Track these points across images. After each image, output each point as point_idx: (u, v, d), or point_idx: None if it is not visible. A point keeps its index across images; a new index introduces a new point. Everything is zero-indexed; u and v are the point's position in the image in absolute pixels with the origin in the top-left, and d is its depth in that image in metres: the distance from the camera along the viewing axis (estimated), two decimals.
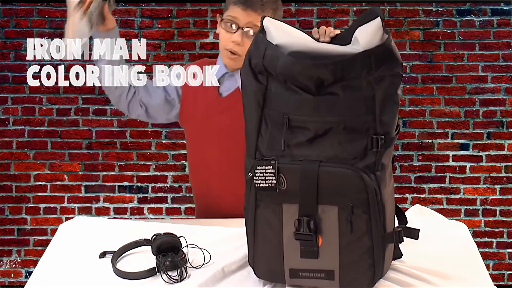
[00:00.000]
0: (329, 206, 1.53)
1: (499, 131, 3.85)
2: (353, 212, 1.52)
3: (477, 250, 1.90)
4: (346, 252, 1.55)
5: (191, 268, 1.75)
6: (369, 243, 1.54)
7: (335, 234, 1.54)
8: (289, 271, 1.60)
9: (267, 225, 1.60)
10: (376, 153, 1.53)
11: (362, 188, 1.51)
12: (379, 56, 1.50)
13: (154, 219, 3.68)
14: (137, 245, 1.86)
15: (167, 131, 3.87)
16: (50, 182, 3.89)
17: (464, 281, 1.70)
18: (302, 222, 1.54)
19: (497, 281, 3.86)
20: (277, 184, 1.54)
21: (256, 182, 1.57)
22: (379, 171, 1.54)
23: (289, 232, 1.57)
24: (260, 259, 1.64)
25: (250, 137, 1.62)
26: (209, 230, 1.97)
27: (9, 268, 3.92)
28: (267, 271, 1.64)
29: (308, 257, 1.57)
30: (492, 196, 3.87)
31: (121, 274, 1.73)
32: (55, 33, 3.80)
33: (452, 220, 2.12)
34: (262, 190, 1.57)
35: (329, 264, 1.57)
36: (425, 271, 1.73)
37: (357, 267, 1.56)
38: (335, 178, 1.52)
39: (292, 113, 1.54)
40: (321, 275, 1.58)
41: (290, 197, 1.55)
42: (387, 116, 1.53)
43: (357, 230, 1.53)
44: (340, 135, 1.53)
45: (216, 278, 1.71)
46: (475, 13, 3.80)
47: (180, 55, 3.83)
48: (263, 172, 1.56)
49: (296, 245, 1.57)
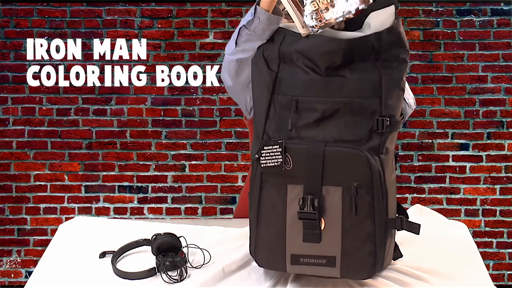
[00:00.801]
0: (333, 187, 1.56)
1: (499, 131, 3.85)
2: (357, 193, 1.55)
3: (477, 250, 1.90)
4: (349, 236, 1.57)
5: (191, 268, 1.75)
6: (371, 227, 1.56)
7: (338, 216, 1.57)
8: (290, 257, 1.61)
9: (271, 207, 1.62)
10: (381, 136, 1.58)
11: (367, 168, 1.55)
12: (388, 39, 1.58)
13: (154, 219, 3.68)
14: (137, 245, 1.86)
15: (167, 131, 3.87)
16: (50, 182, 3.89)
17: (464, 281, 1.71)
18: (306, 200, 1.57)
19: (497, 281, 3.86)
20: (283, 163, 1.58)
21: (262, 162, 1.62)
22: (383, 154, 1.58)
23: (292, 213, 1.59)
24: (262, 245, 1.65)
25: (258, 120, 1.69)
26: (209, 230, 1.97)
27: (9, 268, 3.91)
28: (268, 258, 1.65)
29: (310, 240, 1.58)
30: (492, 196, 3.87)
31: (121, 274, 1.73)
32: (55, 33, 3.79)
33: (452, 220, 2.12)
34: (268, 170, 1.61)
35: (331, 250, 1.58)
36: (425, 271, 1.73)
37: (358, 253, 1.57)
38: (340, 158, 1.56)
39: (301, 95, 1.61)
40: (322, 261, 1.60)
41: (295, 178, 1.59)
42: (393, 100, 1.59)
43: (360, 212, 1.56)
44: (347, 117, 1.58)
45: (216, 278, 1.71)
46: (475, 13, 3.80)
47: (180, 55, 3.83)
48: (270, 152, 1.61)
49: (299, 228, 1.59)
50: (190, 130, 3.86)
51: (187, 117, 3.86)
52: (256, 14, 1.73)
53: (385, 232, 1.58)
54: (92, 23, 3.81)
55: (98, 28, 3.81)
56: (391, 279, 1.69)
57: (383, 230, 1.57)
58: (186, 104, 3.85)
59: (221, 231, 1.97)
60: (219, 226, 2.00)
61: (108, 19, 3.81)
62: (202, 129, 3.86)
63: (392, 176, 1.63)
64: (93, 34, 3.80)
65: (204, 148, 3.88)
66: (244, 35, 1.78)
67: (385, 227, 1.58)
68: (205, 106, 3.80)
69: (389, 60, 1.60)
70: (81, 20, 3.81)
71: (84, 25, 3.81)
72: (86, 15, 3.81)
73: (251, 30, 1.76)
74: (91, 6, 3.81)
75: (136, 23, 3.82)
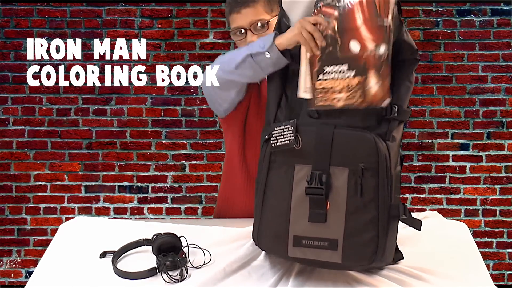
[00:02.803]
0: (340, 168, 1.60)
1: (499, 131, 3.85)
2: (363, 175, 1.58)
3: (477, 250, 1.90)
4: (352, 219, 1.59)
5: (191, 268, 1.75)
6: (374, 212, 1.58)
7: (343, 197, 1.59)
8: (293, 238, 1.63)
9: (277, 188, 1.65)
10: (388, 123, 1.63)
11: (374, 151, 1.59)
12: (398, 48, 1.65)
13: (154, 219, 3.68)
14: (138, 245, 1.86)
15: (167, 131, 3.87)
16: (50, 182, 3.89)
17: (464, 281, 1.71)
18: (315, 175, 1.60)
19: (497, 281, 3.86)
20: (294, 140, 1.63)
21: (273, 141, 1.67)
22: (390, 141, 1.62)
23: (298, 194, 1.62)
24: (266, 226, 1.67)
25: (270, 108, 1.74)
26: (209, 230, 1.97)
27: (9, 268, 3.91)
28: (271, 239, 1.67)
29: (316, 220, 1.60)
30: (492, 196, 3.87)
31: (122, 274, 1.73)
32: (55, 33, 3.80)
33: (452, 220, 2.12)
34: (279, 148, 1.66)
35: (334, 232, 1.59)
36: (425, 271, 1.73)
37: (361, 238, 1.58)
38: (349, 140, 1.61)
39: None
40: (324, 244, 1.61)
41: (303, 158, 1.63)
42: (402, 90, 1.66)
43: (365, 195, 1.58)
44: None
45: (217, 278, 1.71)
46: (475, 13, 3.80)
47: (180, 55, 3.83)
48: (281, 132, 1.66)
49: (304, 209, 1.61)
50: (190, 130, 3.86)
51: (187, 117, 3.86)
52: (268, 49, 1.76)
53: (388, 219, 1.60)
54: (92, 23, 3.81)
55: (98, 28, 3.81)
56: (391, 279, 1.69)
57: (387, 216, 1.59)
58: (186, 104, 3.85)
59: (221, 231, 1.97)
60: (219, 226, 2.00)
61: (108, 19, 3.81)
62: (202, 129, 3.86)
63: (397, 168, 1.66)
64: (93, 34, 3.80)
65: (204, 148, 3.88)
66: (248, 64, 1.82)
67: (389, 213, 1.60)
68: (205, 106, 3.80)
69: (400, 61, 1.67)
70: (81, 20, 3.81)
71: (84, 25, 3.81)
72: (86, 15, 3.81)
73: (256, 61, 1.79)
74: (91, 6, 3.81)
75: (136, 23, 3.82)
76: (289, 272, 1.74)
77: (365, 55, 1.60)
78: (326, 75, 1.65)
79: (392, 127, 1.64)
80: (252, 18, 2.02)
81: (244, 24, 2.03)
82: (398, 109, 1.63)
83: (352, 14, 1.61)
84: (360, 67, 1.60)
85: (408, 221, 1.65)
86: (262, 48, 1.78)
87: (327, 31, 1.65)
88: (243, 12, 2.03)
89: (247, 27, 2.03)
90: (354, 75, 1.61)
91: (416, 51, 1.69)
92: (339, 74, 1.63)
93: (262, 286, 1.68)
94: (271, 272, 1.74)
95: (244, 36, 2.04)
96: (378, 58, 1.59)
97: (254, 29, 2.03)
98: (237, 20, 2.04)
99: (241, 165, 2.16)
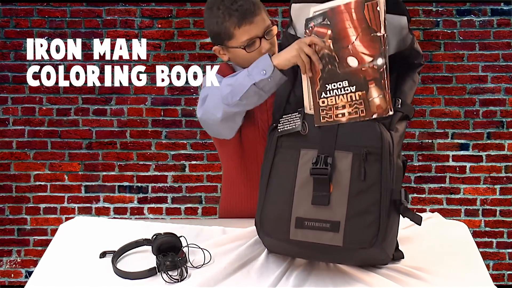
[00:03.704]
0: (345, 152, 1.65)
1: (499, 131, 3.85)
2: (367, 159, 1.62)
3: (477, 250, 1.90)
4: (355, 202, 1.61)
5: (191, 268, 1.75)
6: (377, 196, 1.61)
7: (346, 180, 1.63)
8: (295, 220, 1.65)
9: (282, 171, 1.70)
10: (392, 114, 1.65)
11: (378, 136, 1.63)
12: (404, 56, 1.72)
13: (154, 219, 3.68)
14: (137, 245, 1.86)
15: (167, 131, 3.87)
16: (50, 182, 3.89)
17: (464, 281, 1.71)
18: (320, 158, 1.65)
19: (497, 281, 3.86)
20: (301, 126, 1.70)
21: (280, 128, 1.73)
22: (393, 131, 1.67)
23: (302, 177, 1.66)
24: (269, 209, 1.70)
25: (279, 105, 1.80)
26: (209, 230, 1.97)
27: (9, 268, 3.91)
28: (273, 222, 1.69)
29: (319, 203, 1.63)
30: (492, 196, 3.87)
31: (122, 274, 1.73)
32: (55, 33, 3.80)
33: (452, 220, 2.12)
34: (286, 132, 1.72)
35: (337, 214, 1.62)
36: (425, 271, 1.73)
37: (362, 220, 1.60)
38: (354, 126, 1.66)
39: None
40: (326, 225, 1.63)
41: (309, 143, 1.69)
42: (406, 86, 1.72)
43: (368, 178, 1.62)
44: None
45: (217, 278, 1.71)
46: (475, 13, 3.80)
47: (180, 55, 3.83)
48: (288, 119, 1.73)
49: (308, 191, 1.65)
50: (190, 130, 3.86)
51: (187, 117, 3.86)
52: (271, 74, 1.77)
53: (390, 203, 1.62)
54: (92, 23, 3.81)
55: (98, 28, 3.81)
56: (390, 278, 1.69)
57: (388, 200, 1.61)
58: (186, 104, 3.85)
59: (221, 231, 1.97)
60: (219, 226, 2.00)
61: (108, 19, 3.81)
62: (202, 129, 3.85)
63: (399, 160, 1.69)
64: (93, 34, 3.80)
65: (204, 148, 3.88)
66: (252, 93, 1.83)
67: (390, 197, 1.62)
68: None
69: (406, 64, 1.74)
70: (81, 20, 3.81)
71: (84, 25, 3.81)
72: (86, 15, 3.81)
73: (260, 88, 1.81)
74: (91, 6, 3.81)
75: (136, 23, 3.82)
76: (289, 271, 1.74)
77: (363, 68, 1.65)
78: (328, 93, 1.70)
79: (396, 118, 1.68)
80: (264, 25, 2.00)
81: (259, 33, 1.99)
82: (401, 102, 1.69)
83: (344, 31, 1.66)
84: (360, 81, 1.66)
85: (409, 215, 1.65)
86: (264, 75, 1.78)
87: (323, 51, 1.70)
88: (255, 21, 1.98)
89: (262, 35, 2.00)
90: (355, 90, 1.67)
91: (421, 56, 1.75)
92: (341, 91, 1.68)
93: (262, 286, 1.68)
94: (271, 271, 1.74)
95: (258, 45, 2.00)
96: (377, 70, 1.63)
97: (267, 35, 2.01)
98: (251, 30, 1.98)
99: (241, 176, 2.16)
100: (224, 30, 2.00)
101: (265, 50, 1.98)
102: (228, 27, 1.99)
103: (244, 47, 1.99)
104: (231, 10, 1.96)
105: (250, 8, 1.97)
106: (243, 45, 1.99)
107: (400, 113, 1.69)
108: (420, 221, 1.67)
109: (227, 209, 2.24)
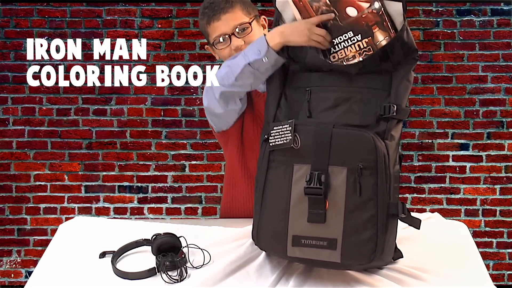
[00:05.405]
0: (339, 167, 1.60)
1: (499, 131, 3.85)
2: (362, 174, 1.58)
3: (477, 250, 1.89)
4: (351, 218, 1.58)
5: (191, 268, 1.75)
6: (373, 211, 1.58)
7: (342, 196, 1.59)
8: (292, 238, 1.63)
9: (276, 187, 1.66)
10: (387, 122, 1.63)
11: (372, 149, 1.58)
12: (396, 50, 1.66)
13: (154, 219, 3.68)
14: (137, 245, 1.86)
15: (167, 131, 3.87)
16: (50, 182, 3.89)
17: (464, 281, 1.70)
18: (314, 175, 1.60)
19: (497, 281, 3.86)
20: (292, 140, 1.64)
21: (271, 141, 1.67)
22: (388, 140, 1.63)
23: (297, 193, 1.62)
24: (265, 226, 1.67)
25: (270, 108, 1.76)
26: (209, 230, 1.97)
27: (9, 268, 3.92)
28: (270, 239, 1.67)
29: (315, 220, 1.60)
30: (492, 196, 3.87)
31: (121, 274, 1.73)
32: (55, 33, 3.80)
33: (452, 220, 2.12)
34: (277, 147, 1.66)
35: (333, 231, 1.59)
36: (425, 271, 1.73)
37: (359, 236, 1.58)
38: (347, 139, 1.61)
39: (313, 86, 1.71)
40: (323, 243, 1.61)
41: (302, 157, 1.63)
42: (400, 89, 1.66)
43: (364, 193, 1.58)
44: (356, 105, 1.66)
45: (216, 278, 1.70)
46: (475, 13, 3.80)
47: (180, 55, 3.83)
48: (279, 131, 1.67)
49: (303, 208, 1.61)
50: (190, 130, 3.86)
51: (187, 117, 3.86)
52: (266, 54, 1.78)
53: (387, 217, 1.60)
54: (92, 23, 3.81)
55: (98, 28, 3.81)
56: (390, 279, 1.69)
57: (385, 214, 1.59)
58: (186, 104, 3.85)
59: (221, 231, 1.97)
60: (219, 226, 2.00)
61: (108, 19, 3.81)
62: (202, 129, 3.86)
63: (396, 167, 1.66)
64: (93, 34, 3.80)
65: (204, 148, 3.88)
66: (247, 73, 1.83)
67: (387, 212, 1.59)
68: None
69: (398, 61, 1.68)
70: (81, 20, 3.81)
71: (84, 25, 3.81)
72: (86, 15, 3.81)
73: (255, 68, 1.80)
74: (91, 6, 3.81)
75: (136, 23, 3.82)
76: (288, 272, 1.74)
77: (363, 15, 1.67)
78: (337, 47, 1.73)
79: (391, 126, 1.64)
80: (234, 23, 2.03)
81: (227, 30, 2.03)
82: (397, 108, 1.64)
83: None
84: (364, 28, 1.68)
85: (408, 220, 1.65)
86: (258, 55, 1.79)
87: (321, 8, 1.72)
88: (223, 18, 2.03)
89: (230, 32, 2.03)
90: (361, 38, 1.70)
91: (415, 51, 1.69)
92: (348, 42, 1.71)
93: (262, 286, 1.68)
94: (271, 272, 1.74)
95: (229, 43, 2.03)
96: (376, 14, 1.66)
97: (238, 33, 2.03)
98: (218, 27, 2.03)
99: (243, 174, 2.16)
100: (202, 29, 2.10)
101: (234, 47, 2.02)
102: (203, 25, 2.08)
103: (213, 43, 2.05)
104: (204, 9, 2.06)
105: (220, 5, 2.03)
106: (212, 42, 2.05)
107: (395, 120, 1.64)
108: (419, 224, 1.66)
109: (229, 209, 2.24)
